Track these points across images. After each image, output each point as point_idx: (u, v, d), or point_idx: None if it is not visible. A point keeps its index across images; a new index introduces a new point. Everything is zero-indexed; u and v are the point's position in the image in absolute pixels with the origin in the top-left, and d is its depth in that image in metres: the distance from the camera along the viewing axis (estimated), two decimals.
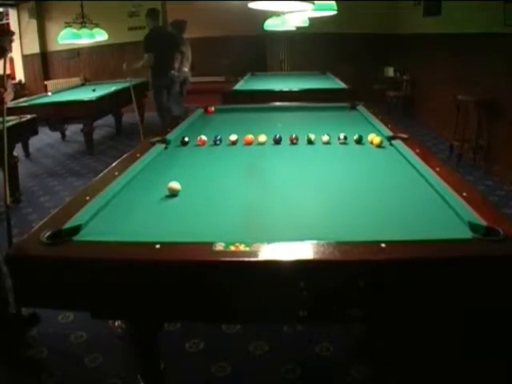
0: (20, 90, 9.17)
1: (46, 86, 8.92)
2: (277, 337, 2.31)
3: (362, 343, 2.27)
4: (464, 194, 1.64)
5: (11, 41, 2.69)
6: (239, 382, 2.07)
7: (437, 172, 1.91)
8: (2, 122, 2.73)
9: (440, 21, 6.11)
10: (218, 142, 2.61)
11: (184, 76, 6.74)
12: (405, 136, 2.54)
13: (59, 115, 5.70)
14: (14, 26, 9.57)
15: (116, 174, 2.00)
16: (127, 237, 1.41)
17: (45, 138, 6.85)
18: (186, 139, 2.63)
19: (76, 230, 1.44)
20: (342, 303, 1.30)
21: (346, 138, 2.55)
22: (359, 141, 2.54)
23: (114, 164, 2.22)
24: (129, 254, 1.32)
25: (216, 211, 1.67)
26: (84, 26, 6.36)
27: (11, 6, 9.35)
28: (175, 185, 1.81)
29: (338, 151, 2.47)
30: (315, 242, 1.31)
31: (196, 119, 3.42)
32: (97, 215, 1.60)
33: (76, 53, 9.29)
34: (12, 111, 4.96)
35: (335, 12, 3.79)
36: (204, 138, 2.62)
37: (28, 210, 4.26)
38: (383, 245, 1.28)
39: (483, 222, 1.39)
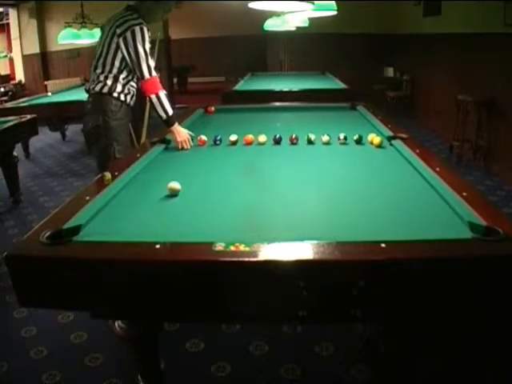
0: (20, 90, 9.19)
1: (46, 86, 8.93)
2: (277, 337, 2.31)
3: (362, 343, 2.27)
4: (464, 194, 1.63)
5: None
6: (239, 382, 2.07)
7: (437, 172, 1.90)
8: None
9: (440, 21, 6.11)
10: (218, 142, 2.61)
11: None
12: (405, 136, 2.54)
13: (59, 115, 5.70)
14: (13, 26, 9.59)
15: (116, 173, 2.00)
16: (127, 237, 1.41)
17: (45, 138, 6.86)
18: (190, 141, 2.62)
19: (76, 230, 1.44)
20: (342, 303, 1.30)
21: (345, 138, 2.55)
22: (359, 141, 2.54)
23: (113, 164, 2.22)
24: (129, 254, 1.32)
25: (216, 211, 1.67)
26: (84, 26, 6.36)
27: (11, 5, 9.36)
28: (175, 185, 1.81)
29: (338, 151, 2.47)
30: (315, 242, 1.31)
31: (196, 119, 3.42)
32: (97, 215, 1.60)
33: (76, 53, 9.28)
34: (12, 111, 4.96)
35: (335, 12, 3.79)
36: (204, 137, 2.62)
37: (28, 209, 4.26)
38: (383, 245, 1.28)
39: (483, 222, 1.39)
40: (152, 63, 2.79)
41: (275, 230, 1.46)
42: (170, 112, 2.75)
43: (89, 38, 6.18)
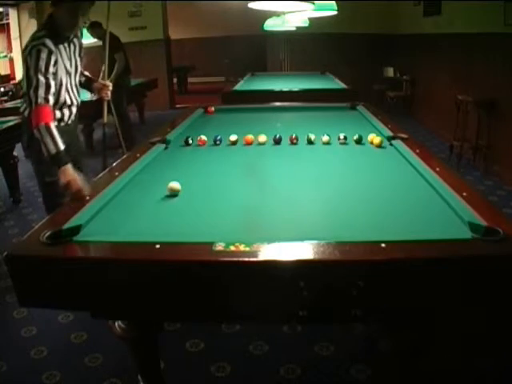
0: (20, 89, 9.17)
1: None
2: (277, 337, 2.31)
3: (362, 343, 2.27)
4: (464, 194, 1.63)
5: None
6: (239, 382, 2.07)
7: (437, 172, 1.90)
8: None
9: (440, 21, 6.11)
10: (218, 142, 2.61)
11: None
12: (405, 136, 2.54)
13: None
14: (13, 26, 9.58)
15: (116, 174, 2.00)
16: (127, 237, 1.41)
17: None
18: (190, 141, 2.62)
19: (76, 230, 1.44)
20: (342, 303, 1.30)
21: (345, 138, 2.55)
22: (359, 141, 2.54)
23: (114, 164, 2.22)
24: (129, 254, 1.32)
25: (216, 211, 1.67)
26: (84, 26, 6.34)
27: (11, 5, 9.35)
28: (175, 185, 1.81)
29: (337, 151, 2.46)
30: (315, 241, 1.31)
31: (196, 119, 3.42)
32: (97, 215, 1.60)
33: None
34: (12, 111, 4.95)
35: (335, 12, 3.80)
36: (204, 138, 2.62)
37: (28, 210, 4.25)
38: (383, 245, 1.28)
39: (483, 222, 1.39)
40: (41, 90, 2.29)
41: (275, 230, 1.47)
42: (53, 151, 2.17)
43: (88, 38, 6.17)
